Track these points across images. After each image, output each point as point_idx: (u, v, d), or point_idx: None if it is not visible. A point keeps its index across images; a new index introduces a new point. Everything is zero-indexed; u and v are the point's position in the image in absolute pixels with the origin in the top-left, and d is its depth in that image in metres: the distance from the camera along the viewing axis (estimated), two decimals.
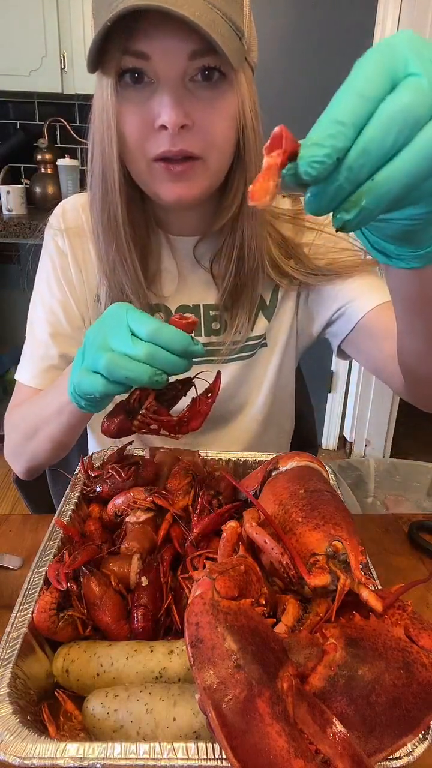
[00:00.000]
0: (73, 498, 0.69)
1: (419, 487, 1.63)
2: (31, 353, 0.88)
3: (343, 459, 2.35)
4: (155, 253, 0.83)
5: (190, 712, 0.44)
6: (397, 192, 0.31)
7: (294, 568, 0.47)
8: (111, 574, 0.56)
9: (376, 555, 0.76)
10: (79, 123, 2.73)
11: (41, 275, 0.89)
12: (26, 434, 0.80)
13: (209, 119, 0.66)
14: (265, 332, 0.89)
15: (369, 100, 0.30)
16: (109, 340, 0.55)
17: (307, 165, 0.30)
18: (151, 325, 0.54)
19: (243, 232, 0.77)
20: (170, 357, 0.54)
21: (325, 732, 0.36)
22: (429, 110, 0.30)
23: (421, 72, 0.30)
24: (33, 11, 2.25)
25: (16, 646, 0.48)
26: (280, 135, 0.30)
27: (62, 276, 0.86)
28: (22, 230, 2.22)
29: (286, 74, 2.27)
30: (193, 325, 0.57)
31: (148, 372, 0.53)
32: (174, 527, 0.64)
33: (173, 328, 0.55)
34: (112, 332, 0.55)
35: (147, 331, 0.54)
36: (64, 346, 0.86)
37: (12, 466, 0.88)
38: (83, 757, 0.39)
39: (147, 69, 0.64)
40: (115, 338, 0.55)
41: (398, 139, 0.30)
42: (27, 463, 0.85)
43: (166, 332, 0.54)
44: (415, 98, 0.30)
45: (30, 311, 0.89)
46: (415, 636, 0.43)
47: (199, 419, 0.66)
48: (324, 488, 0.57)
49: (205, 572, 0.43)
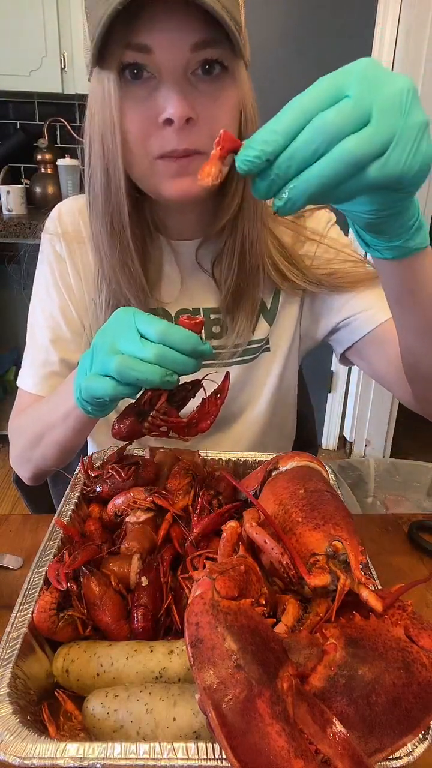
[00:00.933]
0: (73, 498, 0.69)
1: (419, 487, 1.63)
2: (32, 360, 0.87)
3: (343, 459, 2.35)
4: (156, 258, 0.83)
5: (190, 712, 0.44)
6: (315, 190, 0.39)
7: (294, 568, 0.47)
8: (111, 574, 0.56)
9: (376, 555, 0.75)
10: (79, 123, 2.69)
11: (39, 281, 0.88)
12: (32, 441, 0.80)
13: (213, 113, 0.65)
14: (267, 336, 0.89)
15: (306, 114, 0.38)
16: (118, 343, 0.56)
17: (240, 161, 0.40)
18: (159, 327, 0.54)
19: (244, 232, 0.77)
20: (180, 357, 0.54)
21: (325, 732, 0.36)
22: (350, 127, 0.37)
23: (352, 95, 0.37)
24: (33, 11, 2.25)
25: (16, 646, 0.48)
26: (222, 135, 0.42)
27: (61, 281, 0.86)
28: (22, 230, 2.22)
29: (285, 74, 2.27)
30: (200, 325, 0.58)
31: (159, 373, 0.54)
32: (174, 527, 0.64)
33: (181, 328, 0.55)
34: (121, 335, 0.56)
35: (156, 333, 0.54)
36: (64, 352, 0.86)
37: (18, 473, 0.89)
38: (83, 757, 0.39)
39: (148, 63, 0.63)
40: (124, 341, 0.55)
41: (320, 148, 0.37)
42: (33, 469, 0.85)
43: (175, 333, 0.54)
44: (337, 116, 0.37)
45: (30, 317, 0.89)
46: (415, 636, 0.43)
47: (209, 420, 0.67)
48: (324, 488, 0.57)
49: (205, 572, 0.43)
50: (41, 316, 0.87)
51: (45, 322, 0.86)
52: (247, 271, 0.80)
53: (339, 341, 0.90)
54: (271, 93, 0.71)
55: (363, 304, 0.83)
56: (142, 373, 0.54)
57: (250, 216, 0.76)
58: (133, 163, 0.69)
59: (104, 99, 0.65)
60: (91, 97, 0.68)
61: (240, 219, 0.76)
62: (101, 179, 0.71)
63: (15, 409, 0.88)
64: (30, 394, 0.87)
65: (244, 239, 0.77)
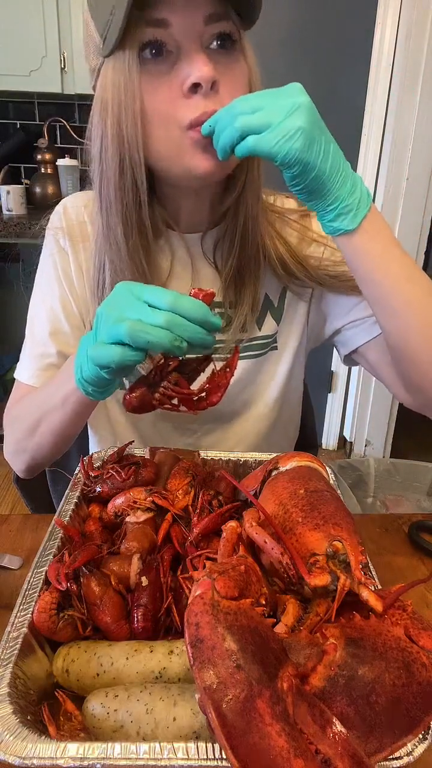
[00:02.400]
0: (73, 498, 0.69)
1: (419, 487, 1.64)
2: (30, 351, 0.87)
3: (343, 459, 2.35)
4: (165, 253, 0.83)
5: (190, 712, 0.44)
6: (227, 143, 0.61)
7: (294, 568, 0.47)
8: (111, 574, 0.56)
9: (376, 555, 0.76)
10: (79, 123, 2.73)
11: (41, 273, 0.88)
12: (29, 428, 0.79)
13: (231, 83, 0.66)
14: (274, 334, 0.89)
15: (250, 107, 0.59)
16: (126, 312, 0.56)
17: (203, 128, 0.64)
18: (169, 296, 0.55)
19: (246, 211, 0.77)
20: (190, 325, 0.55)
21: (325, 732, 0.36)
22: (256, 119, 0.58)
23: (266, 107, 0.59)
24: (33, 11, 2.25)
25: (16, 646, 0.48)
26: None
27: (63, 275, 0.86)
28: (22, 230, 2.22)
29: (285, 74, 2.28)
30: (211, 296, 0.59)
31: (168, 336, 0.54)
32: (174, 527, 0.64)
33: (191, 298, 0.56)
34: (128, 305, 0.56)
35: (166, 302, 0.55)
36: (63, 345, 0.86)
37: (12, 465, 0.88)
38: (83, 757, 0.39)
39: (167, 38, 0.63)
40: (132, 310, 0.55)
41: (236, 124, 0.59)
42: (29, 459, 0.84)
43: (185, 301, 0.55)
44: (242, 103, 0.60)
45: (30, 309, 0.89)
46: (415, 636, 0.43)
47: (218, 393, 0.66)
48: (324, 488, 0.57)
49: (205, 572, 0.43)
50: (41, 309, 0.87)
51: (45, 314, 0.86)
52: (247, 249, 0.80)
53: (343, 343, 0.90)
54: None
55: (369, 309, 0.83)
56: (154, 336, 0.54)
57: (251, 192, 0.77)
58: (159, 143, 0.67)
59: (124, 84, 0.64)
60: (104, 86, 0.66)
61: (243, 198, 0.77)
62: (115, 171, 0.69)
63: (10, 400, 0.88)
64: (26, 386, 0.86)
65: (246, 218, 0.78)
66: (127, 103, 0.65)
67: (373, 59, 2.24)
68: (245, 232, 0.79)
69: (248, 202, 0.77)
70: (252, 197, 0.77)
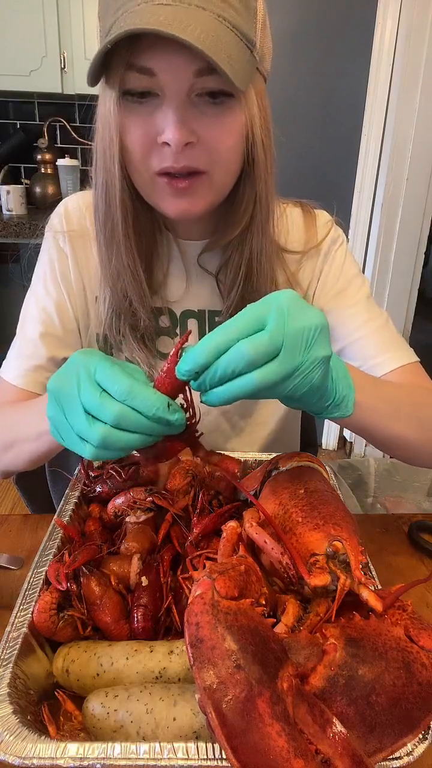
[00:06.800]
0: (73, 498, 0.69)
1: (419, 487, 1.63)
2: (18, 351, 0.86)
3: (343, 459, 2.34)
4: (163, 257, 0.83)
5: (190, 712, 0.44)
6: (228, 400, 0.47)
7: (294, 568, 0.47)
8: (111, 574, 0.56)
9: (376, 555, 0.76)
10: (79, 123, 2.73)
11: (38, 273, 0.88)
12: (3, 446, 0.76)
13: (215, 135, 0.65)
14: None
15: (230, 341, 0.45)
16: (74, 400, 0.49)
17: (177, 372, 0.47)
18: (124, 384, 0.47)
19: (251, 246, 0.77)
20: (144, 421, 0.48)
21: (325, 732, 0.36)
22: (262, 357, 0.44)
23: (269, 329, 0.45)
24: (33, 11, 2.25)
25: (16, 646, 0.48)
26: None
27: (60, 276, 0.85)
28: (22, 230, 2.22)
29: (284, 74, 2.27)
30: (181, 387, 0.50)
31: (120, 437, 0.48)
32: (174, 527, 0.64)
33: (149, 390, 0.48)
34: (80, 388, 0.49)
35: (119, 390, 0.47)
36: (53, 348, 0.85)
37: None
38: (83, 757, 0.39)
39: (152, 85, 0.62)
40: (83, 395, 0.48)
41: (236, 370, 0.45)
42: (2, 469, 0.80)
43: (141, 393, 0.47)
44: (252, 347, 0.44)
45: (23, 308, 0.88)
46: (415, 636, 0.43)
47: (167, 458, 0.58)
48: (324, 488, 0.57)
49: (205, 572, 0.43)
50: (35, 309, 0.86)
51: (38, 315, 0.85)
52: (254, 284, 0.80)
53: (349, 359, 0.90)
54: (271, 93, 0.71)
55: (367, 351, 0.84)
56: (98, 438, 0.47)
57: (259, 230, 0.76)
58: (135, 177, 0.69)
59: (105, 114, 0.66)
60: (98, 107, 0.68)
61: (249, 232, 0.76)
62: (102, 190, 0.71)
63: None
64: (11, 386, 0.84)
65: (252, 253, 0.77)
66: (111, 136, 0.66)
67: (373, 59, 2.24)
68: (250, 267, 0.78)
69: (253, 239, 0.76)
70: (258, 233, 0.76)
